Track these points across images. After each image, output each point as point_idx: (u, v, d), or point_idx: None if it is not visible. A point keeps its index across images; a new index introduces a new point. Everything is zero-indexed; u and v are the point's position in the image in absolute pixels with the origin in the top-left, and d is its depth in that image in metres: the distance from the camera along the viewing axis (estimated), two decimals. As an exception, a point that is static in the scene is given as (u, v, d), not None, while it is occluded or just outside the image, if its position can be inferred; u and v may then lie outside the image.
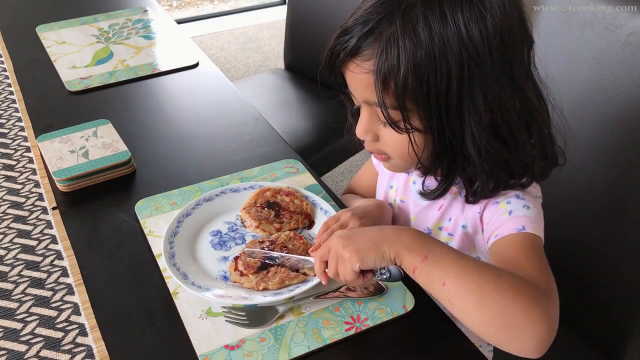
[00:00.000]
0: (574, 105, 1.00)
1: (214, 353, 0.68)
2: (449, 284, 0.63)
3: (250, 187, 0.90)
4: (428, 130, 0.69)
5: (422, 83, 0.65)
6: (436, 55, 0.65)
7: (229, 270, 0.77)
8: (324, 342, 0.69)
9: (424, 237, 0.66)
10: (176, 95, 1.19)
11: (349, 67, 0.70)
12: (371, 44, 0.67)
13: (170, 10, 3.59)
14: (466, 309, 0.62)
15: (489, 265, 0.65)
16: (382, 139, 0.74)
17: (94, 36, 1.39)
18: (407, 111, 0.68)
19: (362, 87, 0.70)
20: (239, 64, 3.01)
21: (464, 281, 0.62)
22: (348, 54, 0.69)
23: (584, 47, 0.98)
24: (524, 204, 0.74)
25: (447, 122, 0.68)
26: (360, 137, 0.75)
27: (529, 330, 0.61)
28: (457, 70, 0.65)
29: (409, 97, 0.66)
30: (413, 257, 0.64)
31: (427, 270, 0.64)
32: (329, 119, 1.60)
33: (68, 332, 0.71)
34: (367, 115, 0.73)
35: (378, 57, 0.66)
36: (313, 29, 1.71)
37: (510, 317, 0.61)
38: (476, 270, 0.63)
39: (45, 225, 0.87)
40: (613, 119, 0.96)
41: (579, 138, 1.01)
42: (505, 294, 0.61)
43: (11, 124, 1.11)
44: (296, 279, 0.75)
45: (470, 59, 0.65)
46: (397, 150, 0.74)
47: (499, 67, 0.67)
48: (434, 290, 0.65)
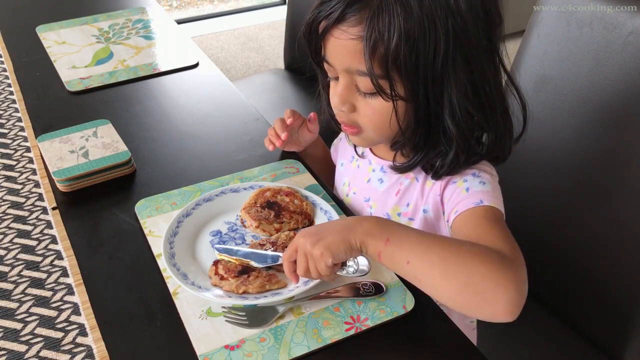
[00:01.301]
0: (573, 105, 1.00)
1: (214, 353, 0.68)
2: (413, 261, 0.64)
3: (250, 187, 0.90)
4: (410, 100, 0.70)
5: (412, 52, 0.66)
6: (426, 25, 0.65)
7: (208, 274, 0.77)
8: (324, 342, 0.69)
9: (383, 222, 0.67)
10: (176, 95, 1.19)
11: (333, 33, 0.70)
12: (360, 9, 0.67)
13: (170, 10, 3.59)
14: (433, 282, 0.64)
15: (450, 239, 0.67)
16: (360, 109, 0.74)
17: (94, 36, 1.39)
18: (392, 80, 0.68)
19: (346, 54, 0.70)
20: (239, 64, 3.01)
21: (426, 256, 0.64)
22: (335, 20, 0.69)
23: (584, 47, 0.98)
24: (480, 180, 0.76)
25: (432, 91, 0.69)
26: (336, 107, 0.76)
27: (499, 293, 0.62)
28: (445, 40, 0.66)
29: (397, 66, 0.67)
30: (376, 241, 0.65)
31: (391, 251, 0.65)
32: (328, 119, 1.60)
33: (68, 332, 0.71)
34: (345, 85, 0.73)
35: (368, 23, 0.66)
36: (313, 29, 1.71)
37: (478, 283, 0.62)
38: (438, 244, 0.65)
39: (45, 225, 0.87)
40: (613, 119, 0.97)
41: (579, 138, 1.01)
42: (470, 261, 0.63)
43: (11, 124, 1.11)
44: (277, 284, 0.75)
45: (458, 28, 0.66)
46: (374, 121, 0.74)
47: (483, 39, 0.69)
48: (400, 271, 0.66)
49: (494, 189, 0.76)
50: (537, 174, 1.08)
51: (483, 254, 0.63)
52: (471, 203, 0.73)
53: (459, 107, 0.70)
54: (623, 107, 0.94)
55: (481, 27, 0.68)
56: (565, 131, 1.02)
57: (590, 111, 0.98)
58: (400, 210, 0.84)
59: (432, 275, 0.64)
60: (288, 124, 0.94)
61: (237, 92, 1.21)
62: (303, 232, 0.70)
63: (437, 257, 0.63)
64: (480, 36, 0.68)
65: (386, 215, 0.85)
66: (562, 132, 1.02)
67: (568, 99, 1.00)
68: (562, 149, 1.03)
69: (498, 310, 0.62)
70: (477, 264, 0.62)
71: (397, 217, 0.84)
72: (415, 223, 0.83)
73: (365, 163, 0.89)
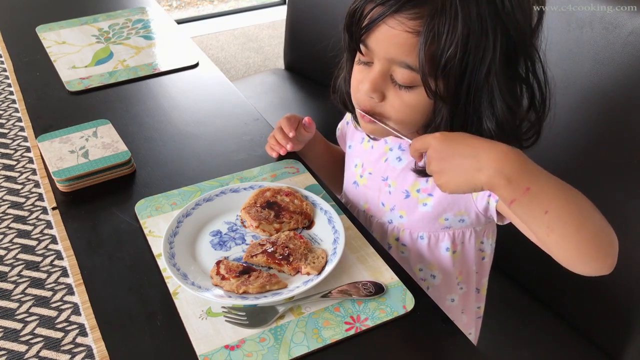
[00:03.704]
0: (573, 105, 1.00)
1: (214, 353, 0.68)
2: (552, 212, 0.62)
3: (250, 187, 0.90)
4: (450, 100, 0.70)
5: (464, 57, 0.67)
6: (480, 32, 0.66)
7: (210, 274, 0.77)
8: (324, 342, 0.69)
9: (524, 164, 0.63)
10: (176, 95, 1.19)
11: (387, 21, 0.69)
12: (420, 4, 0.67)
13: (170, 10, 3.59)
14: (567, 232, 0.63)
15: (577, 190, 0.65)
16: (389, 99, 0.74)
17: (94, 36, 1.39)
18: (438, 78, 0.68)
19: (395, 45, 0.69)
20: (239, 64, 3.01)
21: (567, 207, 0.63)
22: (393, 9, 0.67)
23: (584, 47, 0.98)
24: None
25: (473, 92, 0.70)
26: (367, 94, 0.74)
27: (613, 247, 0.65)
28: (493, 48, 0.67)
29: (447, 67, 0.67)
30: (513, 189, 0.62)
31: (528, 201, 0.62)
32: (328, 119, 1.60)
33: (68, 332, 0.71)
34: (380, 72, 0.72)
35: (429, 21, 0.66)
36: (313, 29, 1.71)
37: (602, 236, 0.64)
38: (574, 194, 0.64)
39: (45, 225, 0.87)
40: (613, 119, 0.97)
41: (579, 137, 1.01)
42: (596, 214, 0.64)
43: (11, 124, 1.11)
44: (277, 285, 0.75)
45: (511, 36, 0.68)
46: (401, 113, 0.74)
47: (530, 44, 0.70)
48: (533, 220, 0.64)
49: None
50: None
51: (596, 208, 0.65)
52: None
53: (500, 106, 0.70)
54: (623, 107, 0.94)
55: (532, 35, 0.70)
56: (565, 131, 1.02)
57: (590, 111, 0.98)
58: (419, 186, 0.84)
59: (567, 226, 0.63)
60: (291, 137, 0.94)
61: (237, 92, 1.21)
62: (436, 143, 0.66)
63: (576, 207, 0.63)
64: (530, 44, 0.70)
65: (405, 192, 0.85)
66: (562, 132, 1.02)
67: (568, 99, 1.00)
68: (562, 148, 1.03)
69: (607, 264, 0.65)
70: (601, 218, 0.64)
71: (417, 194, 0.84)
72: (434, 198, 0.83)
73: (380, 143, 0.89)
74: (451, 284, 0.90)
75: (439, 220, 0.84)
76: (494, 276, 0.97)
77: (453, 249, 0.87)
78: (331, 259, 0.78)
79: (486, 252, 0.91)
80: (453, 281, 0.90)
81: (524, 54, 0.71)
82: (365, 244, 0.81)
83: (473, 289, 0.94)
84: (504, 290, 1.15)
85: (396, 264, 0.80)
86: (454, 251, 0.87)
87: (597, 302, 1.04)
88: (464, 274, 0.91)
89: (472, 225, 0.85)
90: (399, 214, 0.87)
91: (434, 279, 0.90)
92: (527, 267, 1.15)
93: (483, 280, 0.95)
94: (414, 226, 0.87)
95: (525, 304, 1.14)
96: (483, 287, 0.96)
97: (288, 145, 0.95)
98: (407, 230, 0.87)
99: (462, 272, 0.90)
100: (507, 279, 1.17)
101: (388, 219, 0.89)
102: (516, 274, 1.17)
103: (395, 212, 0.88)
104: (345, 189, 0.98)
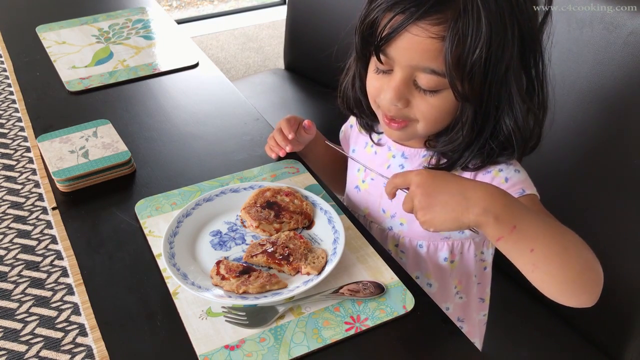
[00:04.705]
0: (573, 105, 1.00)
1: (214, 353, 0.68)
2: (538, 250, 0.63)
3: (250, 187, 0.90)
4: (475, 100, 0.71)
5: (488, 58, 0.67)
6: (502, 31, 0.66)
7: (210, 274, 0.77)
8: (324, 342, 0.69)
9: (511, 205, 0.64)
10: (176, 95, 1.19)
11: (410, 29, 0.68)
12: (443, 9, 0.66)
13: (170, 10, 3.59)
14: (551, 270, 0.64)
15: (562, 225, 0.67)
16: (414, 105, 0.73)
17: (94, 36, 1.39)
18: (464, 80, 0.68)
19: (419, 51, 0.68)
20: (239, 64, 3.01)
21: (551, 245, 0.64)
22: (416, 16, 0.66)
23: (584, 47, 0.98)
24: (514, 168, 0.77)
25: (495, 93, 0.70)
26: (391, 102, 0.73)
27: (598, 284, 0.65)
28: (512, 46, 0.67)
29: (472, 69, 0.67)
30: (500, 227, 0.63)
31: (515, 239, 0.63)
32: (329, 119, 1.60)
33: (68, 332, 0.71)
34: (403, 80, 0.72)
35: (453, 25, 0.66)
36: (313, 29, 1.72)
37: (588, 274, 0.64)
38: (558, 231, 0.65)
39: (45, 225, 0.87)
40: (613, 119, 0.97)
41: (579, 138, 1.01)
42: (583, 252, 0.65)
43: (11, 124, 1.11)
44: (277, 285, 0.75)
45: (526, 33, 0.68)
46: (429, 117, 0.74)
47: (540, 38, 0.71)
48: (519, 256, 0.65)
49: (527, 175, 0.77)
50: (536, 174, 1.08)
51: (585, 245, 0.65)
52: (515, 193, 0.74)
53: (518, 106, 0.71)
54: (623, 107, 0.94)
55: (540, 30, 0.71)
56: (565, 131, 1.02)
57: (590, 111, 0.98)
58: None
59: (552, 264, 0.64)
60: (290, 139, 0.94)
61: (237, 92, 1.21)
62: (421, 177, 0.66)
63: (560, 246, 0.64)
64: (538, 39, 0.71)
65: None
66: (562, 132, 1.02)
67: (568, 99, 1.00)
68: (562, 148, 1.03)
69: (591, 299, 0.65)
70: (587, 255, 0.65)
71: None
72: None
73: (383, 150, 0.89)
74: (447, 293, 0.90)
75: None
76: (494, 276, 0.97)
77: (451, 258, 0.87)
78: (331, 259, 0.78)
79: (487, 261, 0.91)
80: (449, 290, 0.90)
81: (533, 51, 0.71)
82: (365, 244, 0.81)
83: (475, 299, 0.94)
84: (503, 290, 1.15)
85: (396, 264, 0.80)
86: (452, 261, 0.87)
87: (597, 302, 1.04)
88: (464, 283, 0.90)
89: (471, 236, 0.85)
90: (399, 222, 0.87)
91: (430, 287, 0.90)
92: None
93: (487, 290, 0.95)
94: (414, 234, 0.87)
95: (525, 304, 1.14)
96: (487, 296, 0.96)
97: (287, 148, 0.95)
98: (407, 237, 0.87)
99: (461, 281, 0.90)
100: (507, 279, 1.17)
101: (388, 226, 0.89)
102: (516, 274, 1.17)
103: (396, 220, 0.87)
104: (348, 192, 0.98)
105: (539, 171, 1.08)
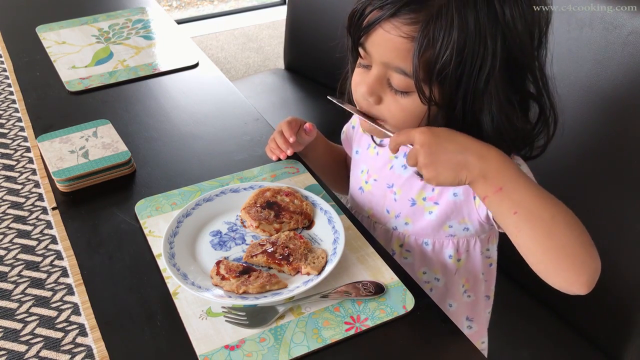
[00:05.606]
0: (573, 105, 1.00)
1: (214, 353, 0.68)
2: (521, 213, 0.65)
3: (250, 187, 0.90)
4: (446, 107, 0.71)
5: (459, 66, 0.67)
6: (478, 41, 0.66)
7: (210, 274, 0.77)
8: (324, 342, 0.69)
9: (504, 167, 0.67)
10: (176, 95, 1.19)
11: (383, 25, 0.69)
12: (417, 10, 0.66)
13: (170, 10, 3.59)
14: (534, 236, 0.65)
15: (558, 200, 0.67)
16: (385, 103, 0.74)
17: (94, 36, 1.39)
18: (432, 85, 0.69)
19: (390, 49, 0.69)
20: (239, 64, 3.01)
21: (537, 212, 0.65)
22: (389, 13, 0.67)
23: (584, 47, 0.98)
24: (517, 162, 0.76)
25: (470, 102, 0.70)
26: (362, 96, 0.75)
27: (587, 263, 0.64)
28: (492, 59, 0.67)
29: (442, 74, 0.67)
30: (487, 186, 0.66)
31: (499, 199, 0.66)
32: (328, 119, 1.60)
33: (68, 332, 0.71)
34: (377, 77, 0.73)
35: (424, 27, 0.66)
36: (313, 29, 1.72)
37: (575, 248, 0.64)
38: (550, 202, 0.66)
39: (45, 225, 0.87)
40: (612, 119, 0.97)
41: (579, 137, 1.01)
42: (573, 226, 0.65)
43: (11, 124, 1.11)
44: (277, 285, 0.75)
45: (510, 47, 0.67)
46: (397, 118, 0.74)
47: (533, 57, 0.70)
48: (503, 218, 0.67)
49: (529, 169, 0.77)
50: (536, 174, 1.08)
51: (580, 224, 0.65)
52: None
53: (498, 114, 0.70)
54: (623, 107, 0.94)
55: (533, 46, 0.70)
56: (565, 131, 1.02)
57: (590, 111, 0.98)
58: (425, 194, 0.84)
59: (535, 230, 0.65)
60: (291, 142, 0.94)
61: (237, 92, 1.21)
62: (425, 135, 0.68)
63: (548, 214, 0.64)
64: (531, 55, 0.70)
65: (411, 200, 0.85)
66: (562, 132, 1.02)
67: (568, 99, 1.00)
68: (562, 149, 1.03)
69: (579, 280, 0.64)
70: (578, 231, 0.65)
71: (423, 202, 0.84)
72: (440, 207, 0.83)
73: (385, 150, 0.89)
74: (453, 290, 0.90)
75: (444, 228, 0.84)
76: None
77: (457, 257, 0.87)
78: (331, 259, 0.78)
79: (492, 257, 0.91)
80: (455, 288, 0.90)
81: (526, 67, 0.71)
82: (365, 244, 0.81)
83: (482, 297, 0.94)
84: (503, 290, 1.15)
85: (396, 264, 0.80)
86: (458, 259, 0.87)
87: (597, 302, 1.04)
88: (471, 282, 0.90)
89: (476, 233, 0.85)
90: (404, 221, 0.87)
91: (438, 281, 0.90)
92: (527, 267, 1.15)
93: (492, 287, 0.95)
94: (419, 233, 0.87)
95: (525, 304, 1.14)
96: (492, 293, 0.96)
97: (288, 151, 0.95)
98: (412, 236, 0.87)
99: (468, 279, 0.90)
100: (507, 279, 1.17)
101: (393, 226, 0.89)
102: (516, 274, 1.17)
103: (401, 219, 0.87)
104: (351, 194, 0.98)
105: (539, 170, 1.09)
